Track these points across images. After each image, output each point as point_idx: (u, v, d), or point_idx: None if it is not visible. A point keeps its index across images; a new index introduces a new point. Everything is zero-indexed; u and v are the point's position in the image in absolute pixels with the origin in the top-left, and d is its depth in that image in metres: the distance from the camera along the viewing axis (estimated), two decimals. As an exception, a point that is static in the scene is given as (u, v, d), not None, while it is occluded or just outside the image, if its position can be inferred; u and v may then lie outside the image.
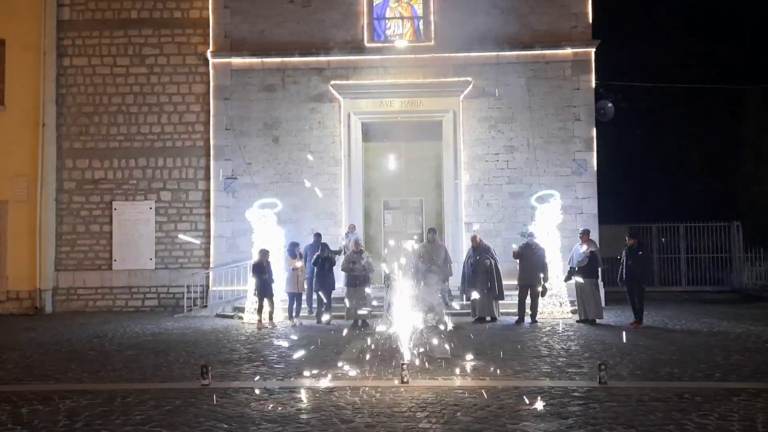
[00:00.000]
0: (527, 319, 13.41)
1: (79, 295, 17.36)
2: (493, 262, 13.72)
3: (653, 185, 26.60)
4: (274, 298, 13.84)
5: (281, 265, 14.38)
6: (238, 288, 16.00)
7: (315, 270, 14.05)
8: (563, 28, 16.91)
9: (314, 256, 14.07)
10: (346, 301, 13.57)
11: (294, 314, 14.12)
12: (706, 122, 26.26)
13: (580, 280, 13.21)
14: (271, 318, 13.74)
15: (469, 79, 16.79)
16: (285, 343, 10.95)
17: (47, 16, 17.39)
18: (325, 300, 13.92)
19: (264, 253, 13.89)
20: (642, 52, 26.01)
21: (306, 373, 8.26)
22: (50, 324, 14.43)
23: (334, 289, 14.19)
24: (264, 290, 13.69)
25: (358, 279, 13.43)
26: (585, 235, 13.59)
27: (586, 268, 13.22)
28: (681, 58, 25.63)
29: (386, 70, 17.05)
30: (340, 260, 14.37)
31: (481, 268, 13.66)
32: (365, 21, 17.20)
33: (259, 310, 13.69)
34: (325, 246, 14.25)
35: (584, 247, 13.32)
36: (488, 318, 13.66)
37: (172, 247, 17.42)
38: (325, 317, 13.78)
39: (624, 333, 11.07)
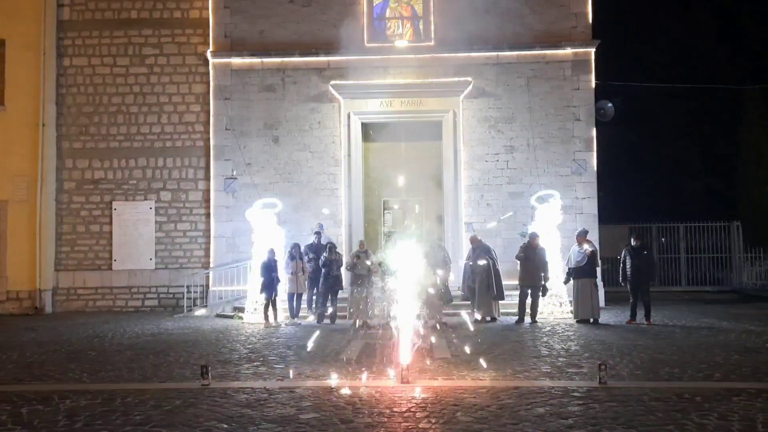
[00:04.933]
0: (527, 319, 13.41)
1: (79, 295, 17.35)
2: (491, 262, 13.71)
3: (653, 185, 26.60)
4: (277, 298, 13.88)
5: (282, 266, 14.39)
6: (238, 288, 16.00)
7: (323, 270, 14.05)
8: (563, 28, 16.91)
9: (322, 259, 14.08)
10: (349, 300, 13.57)
11: (295, 313, 14.13)
12: (706, 122, 26.27)
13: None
14: (268, 317, 13.76)
15: (469, 79, 16.80)
16: (285, 343, 10.96)
17: (47, 16, 17.38)
18: (330, 301, 13.95)
19: (272, 252, 13.95)
20: (642, 52, 26.02)
21: (306, 373, 8.27)
22: (50, 324, 14.42)
23: (341, 289, 14.24)
24: (270, 289, 13.72)
25: (361, 279, 13.44)
26: (582, 236, 13.61)
27: (585, 267, 13.24)
28: (681, 58, 25.64)
29: (386, 70, 17.05)
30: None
31: (479, 269, 13.67)
32: (365, 21, 17.20)
33: (266, 310, 13.72)
34: (333, 247, 14.28)
35: (584, 246, 13.34)
36: (488, 318, 13.66)
37: (172, 247, 17.42)
38: (328, 318, 13.85)
39: (623, 333, 11.07)
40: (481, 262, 13.68)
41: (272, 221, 14.98)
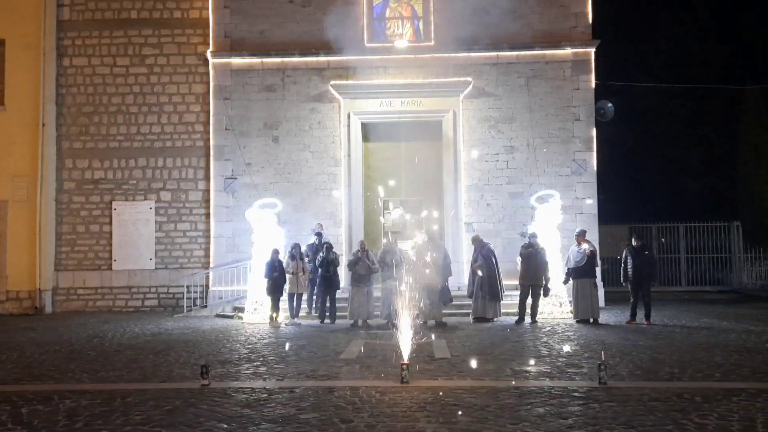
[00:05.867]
0: (527, 319, 13.41)
1: (78, 295, 17.35)
2: (487, 263, 13.71)
3: (653, 185, 26.60)
4: (280, 298, 13.91)
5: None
6: (238, 288, 16.00)
7: (320, 271, 14.08)
8: (563, 28, 16.91)
9: (319, 258, 14.10)
10: (349, 300, 13.59)
11: (295, 314, 14.14)
12: (706, 122, 26.27)
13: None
14: (272, 317, 13.77)
15: (469, 79, 16.80)
16: (285, 343, 10.95)
17: (47, 16, 17.38)
18: (329, 301, 13.97)
19: (276, 252, 13.97)
20: (642, 52, 26.02)
21: (306, 373, 8.27)
22: (50, 324, 14.42)
23: (339, 288, 14.25)
24: (276, 290, 13.73)
25: (362, 278, 13.46)
26: (581, 236, 13.62)
27: (584, 267, 13.24)
28: (681, 58, 25.63)
29: (386, 70, 17.05)
30: (343, 260, 14.46)
31: (478, 269, 13.77)
32: (365, 21, 17.20)
33: (272, 310, 13.73)
34: (330, 247, 14.30)
35: (583, 246, 13.34)
36: (486, 318, 13.67)
37: (172, 247, 17.42)
38: (328, 317, 13.88)
39: (623, 333, 11.07)
40: (475, 262, 13.78)
41: (272, 221, 14.99)
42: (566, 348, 10.04)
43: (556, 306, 14.07)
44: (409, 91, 16.92)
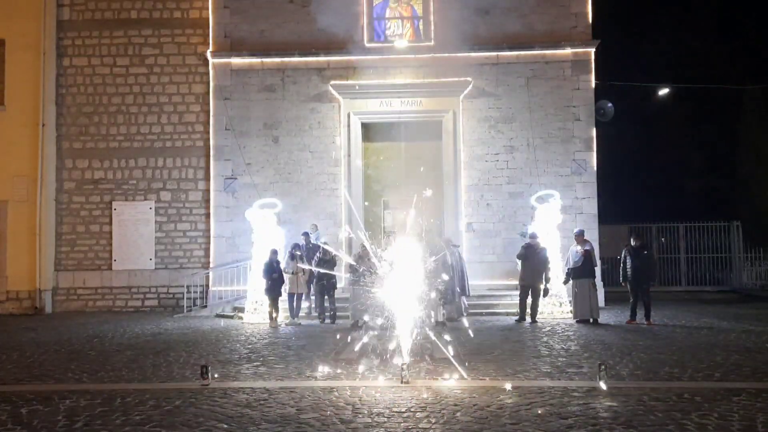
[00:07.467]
0: (527, 319, 13.41)
1: (78, 295, 17.36)
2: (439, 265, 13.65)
3: (653, 185, 26.61)
4: (279, 298, 13.91)
5: (282, 266, 14.41)
6: (238, 288, 16.01)
7: (315, 272, 14.09)
8: (563, 28, 16.92)
9: (316, 259, 14.11)
10: (350, 300, 13.58)
11: (295, 314, 14.15)
12: (706, 122, 26.28)
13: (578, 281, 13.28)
14: (273, 317, 13.77)
15: (469, 79, 16.79)
16: (285, 343, 10.96)
17: (47, 16, 17.39)
18: (327, 301, 13.98)
19: (274, 253, 13.97)
20: (642, 52, 26.03)
21: (306, 373, 8.27)
22: (50, 324, 14.42)
23: (335, 288, 14.24)
24: (274, 290, 13.74)
25: (362, 278, 13.42)
26: (579, 236, 13.62)
27: (583, 267, 13.24)
28: (681, 58, 25.64)
29: (386, 70, 17.05)
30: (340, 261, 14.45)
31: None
32: (365, 21, 17.20)
33: (271, 309, 13.73)
34: (326, 247, 14.30)
35: (579, 248, 13.35)
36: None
37: (172, 247, 17.42)
38: (327, 318, 13.88)
39: (623, 333, 11.06)
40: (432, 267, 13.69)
41: (272, 221, 14.99)
42: (566, 347, 10.04)
43: (556, 306, 14.08)
44: (409, 91, 16.92)
